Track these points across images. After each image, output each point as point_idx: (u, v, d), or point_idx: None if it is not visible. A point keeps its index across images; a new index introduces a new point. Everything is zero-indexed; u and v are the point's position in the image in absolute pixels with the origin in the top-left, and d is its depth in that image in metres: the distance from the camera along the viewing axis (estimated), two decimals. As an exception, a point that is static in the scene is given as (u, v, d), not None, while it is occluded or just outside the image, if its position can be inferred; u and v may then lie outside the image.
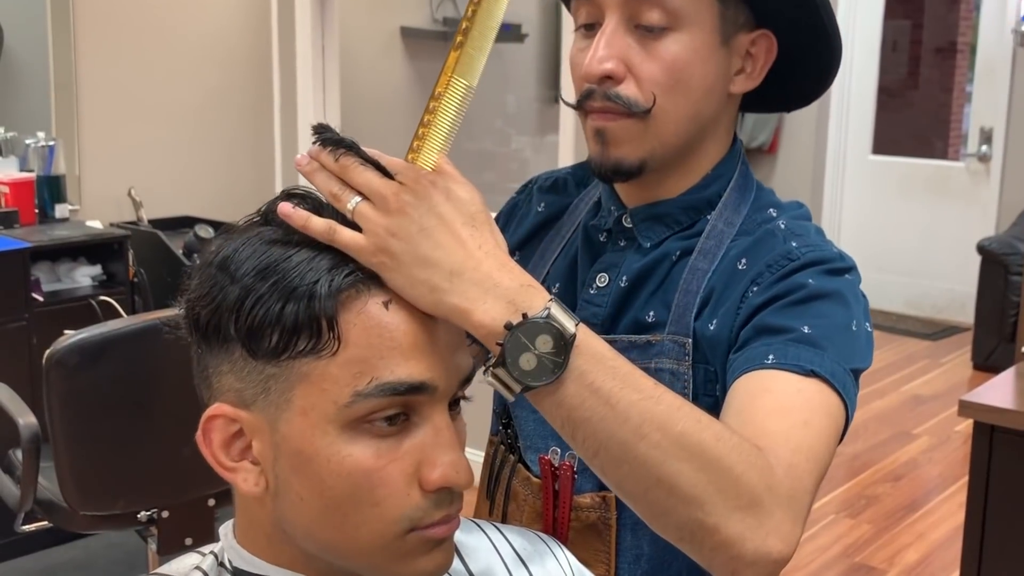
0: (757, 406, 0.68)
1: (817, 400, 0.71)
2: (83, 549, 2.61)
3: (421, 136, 0.65)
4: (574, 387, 0.61)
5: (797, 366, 0.71)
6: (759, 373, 0.72)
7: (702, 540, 0.63)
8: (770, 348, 0.73)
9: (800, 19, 0.81)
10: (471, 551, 0.74)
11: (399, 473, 0.60)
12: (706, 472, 0.62)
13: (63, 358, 1.76)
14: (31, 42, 2.94)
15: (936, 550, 2.72)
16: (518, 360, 0.60)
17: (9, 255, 2.48)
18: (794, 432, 0.68)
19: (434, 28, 3.85)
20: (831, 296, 0.76)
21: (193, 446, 0.64)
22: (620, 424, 0.61)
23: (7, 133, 2.85)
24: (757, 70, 0.82)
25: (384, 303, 0.60)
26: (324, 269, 0.59)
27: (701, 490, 0.62)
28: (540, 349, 0.60)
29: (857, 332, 0.77)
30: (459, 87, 0.64)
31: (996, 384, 1.87)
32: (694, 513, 0.62)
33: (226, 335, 0.60)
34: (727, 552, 0.63)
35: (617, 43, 0.78)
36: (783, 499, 0.64)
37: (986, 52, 4.58)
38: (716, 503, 0.62)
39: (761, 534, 0.63)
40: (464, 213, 0.62)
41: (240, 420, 0.62)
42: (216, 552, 0.68)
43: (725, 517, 0.62)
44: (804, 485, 0.67)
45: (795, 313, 0.75)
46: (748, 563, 0.63)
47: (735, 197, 0.84)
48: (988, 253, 4.02)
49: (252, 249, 0.61)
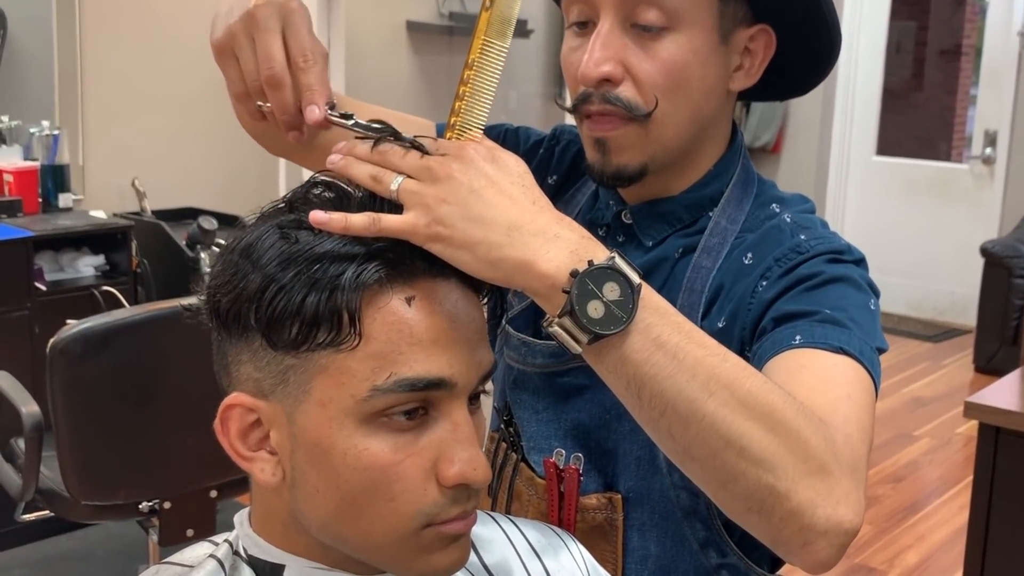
0: (799, 381, 0.66)
1: (853, 375, 0.69)
2: (82, 539, 2.61)
3: (457, 111, 0.64)
4: (640, 340, 0.59)
5: (826, 344, 0.70)
6: (790, 353, 0.70)
7: (772, 507, 0.60)
8: (796, 330, 0.72)
9: (800, 11, 0.79)
10: (486, 543, 0.74)
11: (416, 468, 0.59)
12: (776, 434, 0.59)
13: (67, 347, 1.75)
14: (36, 31, 2.94)
15: (936, 552, 2.72)
16: (586, 308, 0.58)
17: (12, 244, 2.48)
18: (840, 404, 0.66)
19: (440, 23, 3.84)
20: (845, 280, 0.76)
21: (196, 437, 0.64)
22: (688, 380, 0.59)
23: (11, 122, 2.84)
24: (756, 66, 0.81)
25: (407, 299, 0.59)
26: (349, 262, 0.58)
27: (772, 452, 0.59)
28: (608, 297, 0.58)
29: (874, 312, 0.76)
30: (492, 49, 0.63)
31: (1001, 386, 1.87)
32: (765, 477, 0.59)
33: (246, 324, 0.60)
34: (799, 521, 0.60)
35: (614, 44, 0.76)
36: (847, 467, 0.62)
37: (992, 55, 4.58)
38: (787, 467, 0.59)
39: (832, 501, 0.60)
40: (512, 173, 0.61)
41: (258, 410, 0.61)
42: (231, 540, 0.67)
43: (796, 482, 0.59)
44: (861, 455, 0.64)
45: (813, 297, 0.74)
46: (820, 532, 0.60)
47: (737, 193, 0.83)
48: (991, 256, 4.02)
49: (276, 237, 0.60)
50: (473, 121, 0.64)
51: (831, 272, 0.75)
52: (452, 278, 0.62)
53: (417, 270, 0.60)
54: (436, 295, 0.60)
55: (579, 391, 0.84)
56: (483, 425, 0.65)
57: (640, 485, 0.82)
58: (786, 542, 0.62)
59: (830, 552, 0.61)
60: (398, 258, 0.59)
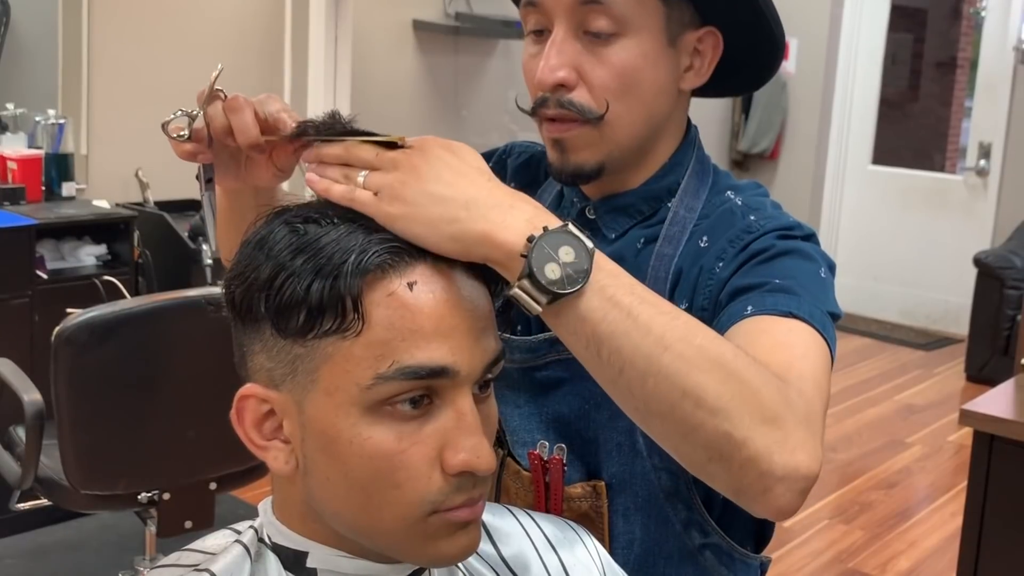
0: (755, 344, 0.69)
1: (807, 337, 0.72)
2: (76, 530, 2.60)
3: None
4: (596, 300, 0.62)
5: (775, 310, 0.73)
6: (744, 322, 0.73)
7: (731, 455, 0.62)
8: (748, 301, 0.75)
9: (743, 13, 0.82)
10: (504, 536, 0.75)
11: (421, 456, 0.60)
12: (729, 384, 0.62)
13: (72, 336, 1.75)
14: (40, 19, 2.93)
15: (928, 558, 2.74)
16: (543, 269, 0.61)
17: (15, 231, 2.47)
18: (795, 362, 0.69)
19: (446, 22, 3.85)
20: (794, 252, 0.79)
21: (197, 429, 0.65)
22: (643, 336, 0.62)
23: (16, 110, 2.84)
24: (705, 66, 0.84)
25: (409, 284, 0.60)
26: (354, 249, 0.60)
27: (727, 401, 0.61)
28: (563, 259, 0.61)
29: (825, 280, 0.79)
30: None
31: (995, 395, 1.89)
32: (722, 425, 0.61)
33: (257, 314, 0.61)
34: (757, 467, 0.62)
35: (568, 51, 0.79)
36: (801, 417, 0.64)
37: (987, 68, 4.62)
38: (743, 415, 0.61)
39: (788, 448, 0.62)
40: (467, 158, 0.66)
41: (270, 400, 0.62)
42: (256, 527, 0.68)
43: (752, 430, 0.61)
44: (816, 408, 0.67)
45: (764, 270, 0.77)
46: (778, 478, 0.62)
47: (693, 183, 0.86)
48: (984, 266, 4.05)
49: (289, 227, 0.62)
50: None
51: (781, 246, 0.79)
52: (457, 265, 0.63)
53: (420, 257, 0.61)
54: (439, 281, 0.61)
55: (557, 384, 0.86)
56: (494, 413, 0.66)
57: (622, 471, 0.85)
58: (747, 490, 0.63)
59: (790, 497, 0.63)
60: (401, 245, 0.61)
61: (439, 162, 0.64)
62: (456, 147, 0.66)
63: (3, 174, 2.72)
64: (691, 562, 0.85)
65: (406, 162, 0.64)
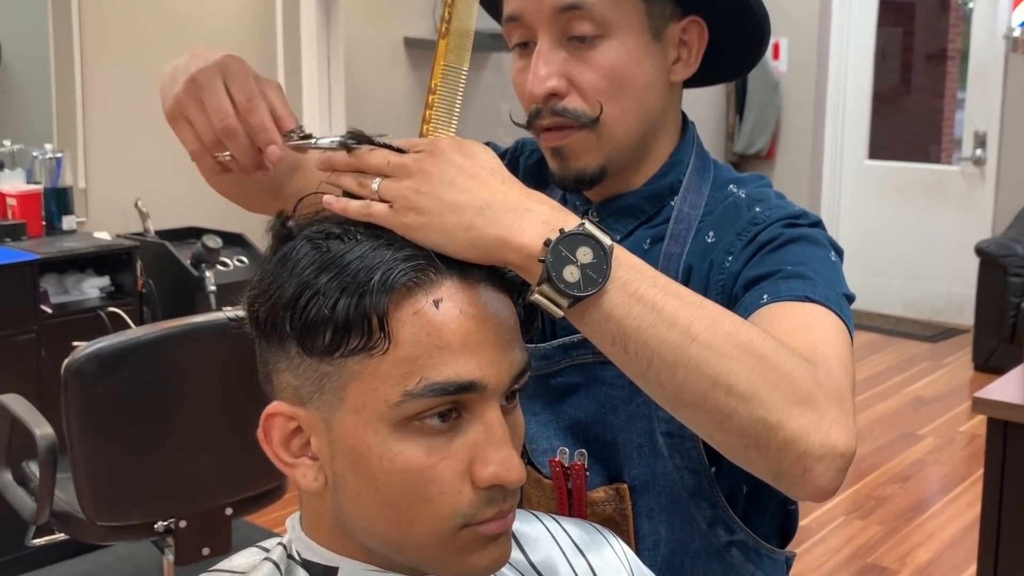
0: (777, 330, 0.68)
1: (826, 320, 0.72)
2: (92, 563, 2.59)
3: (425, 133, 0.67)
4: (619, 296, 0.62)
5: (791, 295, 0.73)
6: (762, 310, 0.73)
7: (768, 440, 0.61)
8: (763, 290, 0.75)
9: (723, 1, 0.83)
10: (531, 541, 0.74)
11: (450, 471, 0.60)
12: (759, 370, 0.61)
13: (81, 367, 1.76)
14: (32, 54, 2.94)
15: (947, 549, 2.73)
16: (562, 273, 0.61)
17: (17, 267, 2.48)
18: (819, 345, 0.69)
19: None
20: (803, 239, 0.79)
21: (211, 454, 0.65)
22: (669, 328, 0.61)
23: (13, 145, 2.84)
24: (693, 56, 0.84)
25: (435, 302, 0.60)
26: (379, 266, 0.59)
27: (758, 387, 0.61)
28: (582, 260, 0.61)
29: (836, 263, 0.79)
30: (452, 73, 0.66)
31: (1006, 381, 1.89)
32: (755, 411, 0.61)
33: (283, 332, 0.61)
34: (795, 449, 0.61)
35: (554, 59, 0.80)
36: (832, 397, 0.63)
37: (978, 58, 4.63)
38: (775, 399, 0.61)
39: (824, 427, 0.61)
40: (480, 159, 0.65)
41: (297, 418, 0.62)
42: (284, 543, 0.68)
43: (786, 413, 0.61)
44: (844, 387, 0.66)
45: (775, 258, 0.77)
46: (817, 457, 0.61)
47: (695, 180, 0.86)
48: (986, 255, 4.05)
49: (312, 244, 0.61)
50: None
51: (789, 234, 0.79)
52: (481, 280, 0.63)
53: (445, 273, 0.61)
54: (464, 297, 0.61)
55: (572, 390, 0.86)
56: (521, 424, 0.66)
57: (644, 472, 0.84)
58: (786, 473, 0.63)
59: (830, 476, 0.62)
60: (426, 262, 0.61)
61: (451, 166, 0.64)
62: (468, 147, 0.66)
63: (3, 210, 2.73)
64: (718, 560, 0.85)
65: (417, 168, 0.64)
